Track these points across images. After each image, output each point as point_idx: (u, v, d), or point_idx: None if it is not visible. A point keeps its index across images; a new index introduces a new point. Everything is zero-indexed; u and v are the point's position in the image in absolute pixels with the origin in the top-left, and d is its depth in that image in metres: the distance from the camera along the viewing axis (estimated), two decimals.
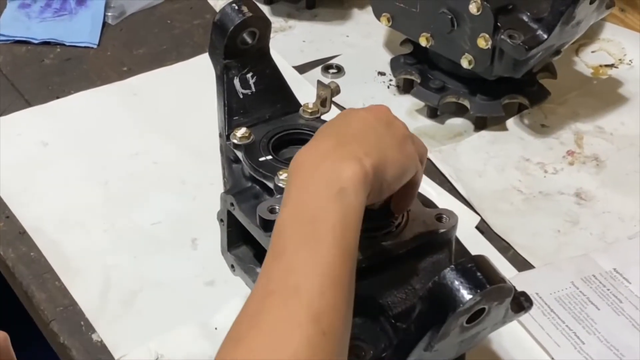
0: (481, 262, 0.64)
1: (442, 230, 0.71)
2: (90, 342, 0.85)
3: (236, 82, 0.80)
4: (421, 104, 1.12)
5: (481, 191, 1.02)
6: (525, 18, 1.01)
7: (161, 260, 0.92)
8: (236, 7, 0.78)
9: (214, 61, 0.80)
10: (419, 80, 1.12)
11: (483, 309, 0.64)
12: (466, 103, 1.09)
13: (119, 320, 0.86)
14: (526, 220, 0.99)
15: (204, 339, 0.84)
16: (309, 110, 0.80)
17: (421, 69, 1.13)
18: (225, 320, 0.86)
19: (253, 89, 0.81)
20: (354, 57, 1.20)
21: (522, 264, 0.94)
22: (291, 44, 1.23)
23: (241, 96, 0.80)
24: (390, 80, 1.17)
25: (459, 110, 1.12)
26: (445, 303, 0.63)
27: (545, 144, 1.09)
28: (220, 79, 0.80)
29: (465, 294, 0.62)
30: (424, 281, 0.69)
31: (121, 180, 1.01)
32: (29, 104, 1.10)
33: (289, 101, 0.82)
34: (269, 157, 0.76)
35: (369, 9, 1.16)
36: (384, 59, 1.19)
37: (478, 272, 0.63)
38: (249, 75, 0.80)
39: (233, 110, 0.80)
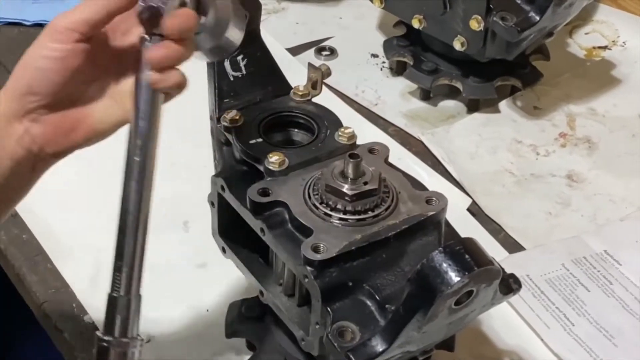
0: (469, 245, 0.65)
1: (431, 213, 0.71)
2: (82, 324, 0.85)
3: (227, 64, 0.79)
4: (414, 86, 1.13)
5: (473, 173, 1.02)
6: (517, 0, 1.01)
7: (153, 242, 0.91)
8: None
9: None
10: (411, 63, 1.12)
11: (471, 291, 0.64)
12: (459, 85, 1.10)
13: None
14: (517, 202, 0.99)
15: (195, 320, 0.85)
16: (300, 93, 0.79)
17: (414, 51, 1.13)
18: (216, 302, 0.86)
19: (244, 71, 0.80)
20: (347, 39, 1.20)
21: (513, 246, 0.94)
22: (284, 25, 1.23)
23: (232, 79, 0.80)
24: (383, 62, 1.17)
25: (452, 93, 1.12)
26: (433, 285, 0.63)
27: (538, 126, 1.09)
28: (211, 66, 0.80)
29: (453, 276, 0.62)
30: (413, 263, 0.69)
31: (113, 163, 1.00)
32: None
33: (280, 84, 0.81)
34: (260, 139, 0.76)
35: None
36: (377, 41, 1.19)
37: (466, 255, 0.63)
38: (239, 58, 0.80)
39: (224, 92, 0.79)
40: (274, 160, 0.72)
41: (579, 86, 1.14)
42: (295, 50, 1.18)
